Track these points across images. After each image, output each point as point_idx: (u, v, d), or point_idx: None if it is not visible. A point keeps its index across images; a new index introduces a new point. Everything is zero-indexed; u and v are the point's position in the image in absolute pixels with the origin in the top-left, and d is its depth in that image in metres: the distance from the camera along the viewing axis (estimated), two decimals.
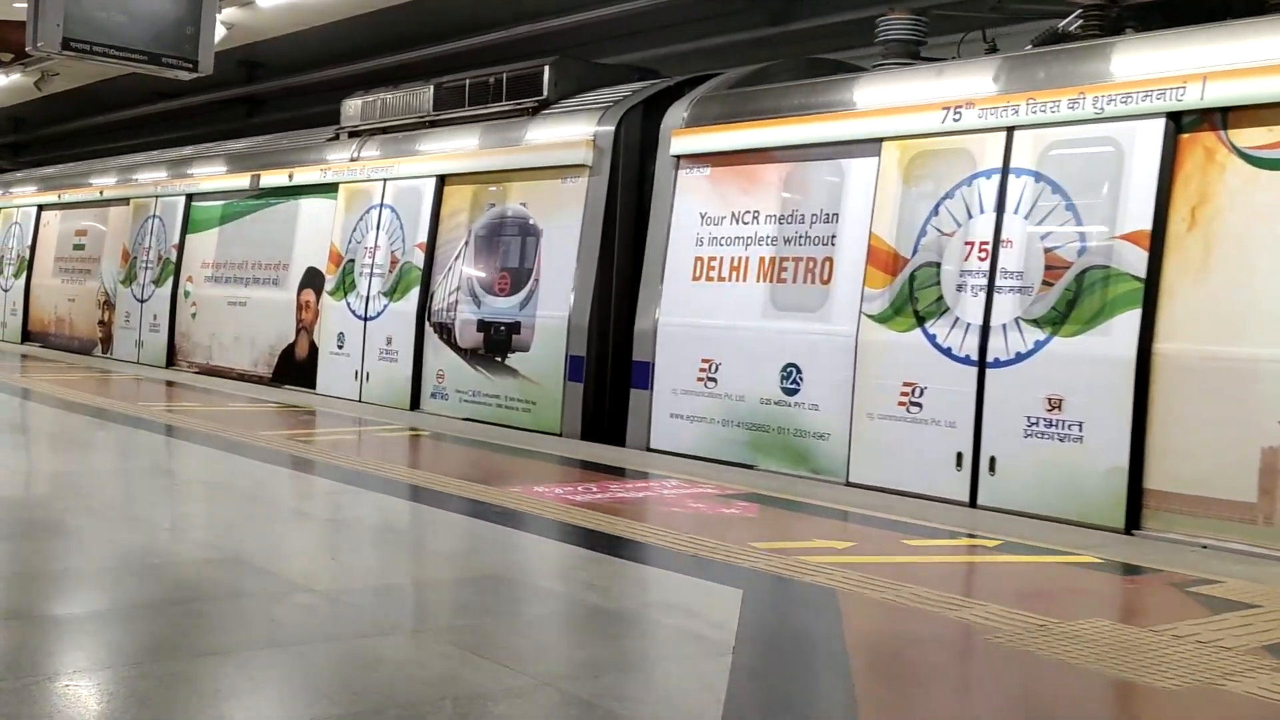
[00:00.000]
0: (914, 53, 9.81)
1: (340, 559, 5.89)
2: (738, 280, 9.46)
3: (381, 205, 13.38)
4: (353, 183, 13.89)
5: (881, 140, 8.53)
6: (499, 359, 11.60)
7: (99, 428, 10.72)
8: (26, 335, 21.00)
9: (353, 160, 14.05)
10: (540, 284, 11.31)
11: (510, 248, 11.78)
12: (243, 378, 15.26)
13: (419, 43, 16.13)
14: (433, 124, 13.38)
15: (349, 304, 13.57)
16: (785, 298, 9.12)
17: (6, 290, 21.71)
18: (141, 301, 17.68)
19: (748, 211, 9.48)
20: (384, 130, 14.07)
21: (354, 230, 13.72)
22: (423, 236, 12.70)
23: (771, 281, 9.22)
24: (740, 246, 9.48)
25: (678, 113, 10.26)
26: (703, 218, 9.83)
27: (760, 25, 14.06)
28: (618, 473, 8.70)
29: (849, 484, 8.45)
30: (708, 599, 5.19)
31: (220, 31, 10.81)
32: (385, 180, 13.39)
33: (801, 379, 8.88)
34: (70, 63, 12.78)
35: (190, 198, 17.04)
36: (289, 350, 14.64)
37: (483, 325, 11.82)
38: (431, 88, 13.50)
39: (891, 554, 6.24)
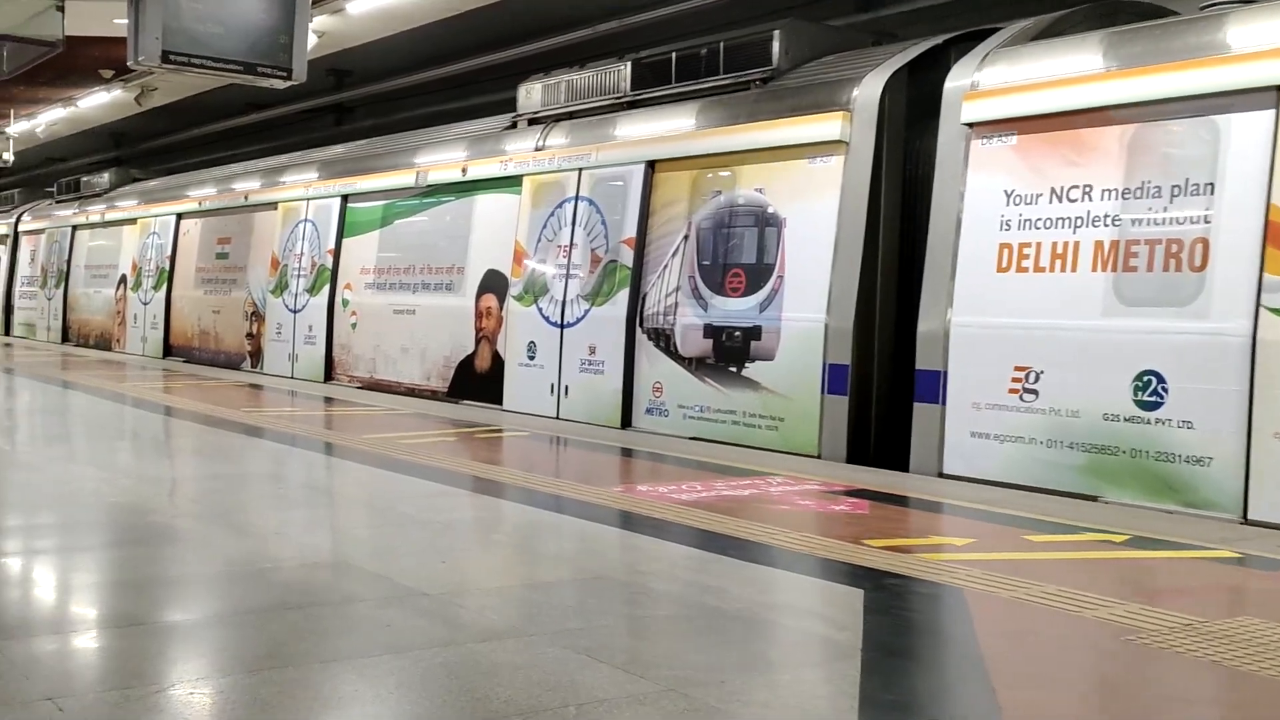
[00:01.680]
0: None
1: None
2: (1064, 270, 7.76)
3: (577, 198, 11.87)
4: (540, 174, 12.41)
5: None
6: (734, 369, 10.00)
7: (253, 446, 9.78)
8: (168, 350, 19.88)
9: (538, 150, 12.58)
10: (785, 282, 9.70)
11: (744, 240, 10.17)
12: (412, 392, 13.86)
13: (506, 44, 15.55)
14: (632, 105, 11.86)
15: (540, 309, 12.07)
16: (1136, 290, 7.40)
17: (146, 304, 20.63)
18: (294, 312, 16.39)
19: (1075, 186, 7.78)
20: (571, 115, 12.58)
21: (544, 227, 12.23)
22: (631, 231, 11.16)
23: (1114, 270, 7.51)
24: (1066, 229, 7.78)
25: (967, 73, 8.59)
26: (1009, 196, 8.14)
27: (849, 12, 13.12)
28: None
29: (1246, 521, 6.71)
30: None
31: (311, 40, 10.12)
32: (580, 170, 11.88)
33: (1165, 390, 7.16)
34: (169, 76, 13.03)
35: (346, 199, 15.70)
36: (467, 362, 13.19)
37: (711, 330, 10.24)
38: (629, 65, 11.98)
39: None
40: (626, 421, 10.94)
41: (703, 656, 4.16)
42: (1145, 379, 7.24)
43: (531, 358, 12.14)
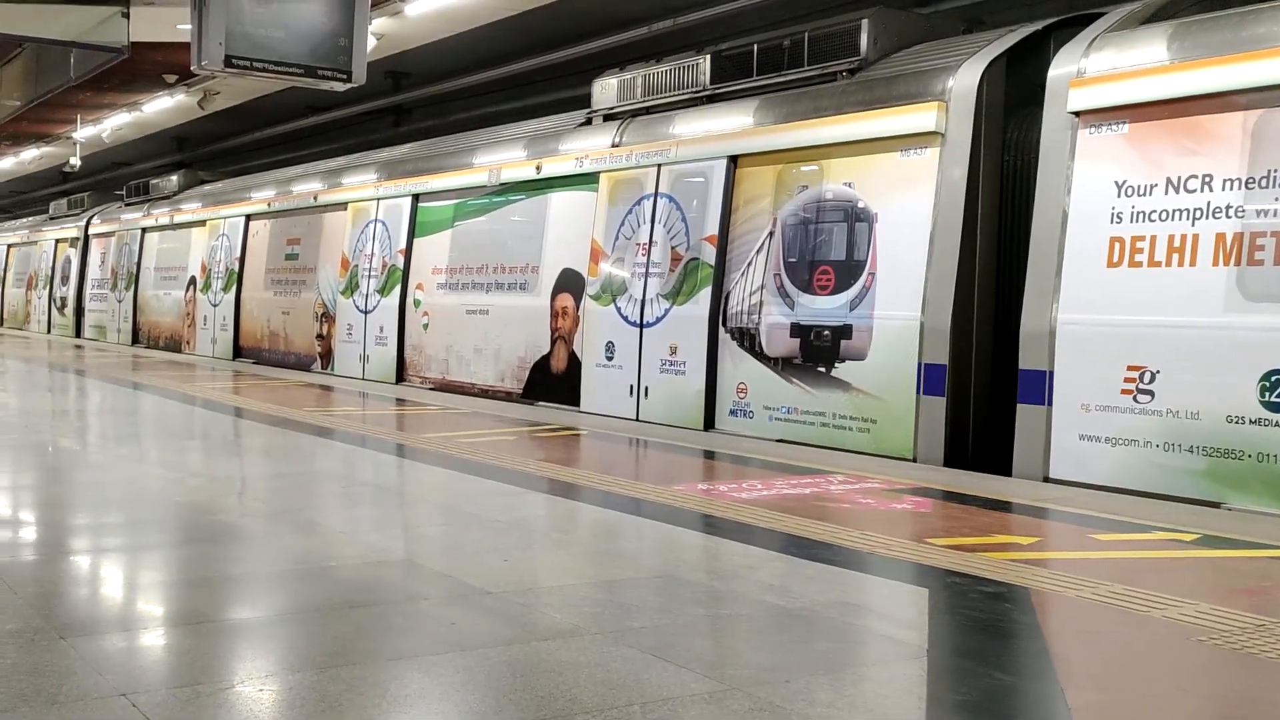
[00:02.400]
0: None
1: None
2: (1181, 264, 7.35)
3: (656, 194, 11.56)
4: (617, 171, 12.11)
5: None
6: (823, 369, 9.64)
7: (322, 446, 9.61)
8: (238, 352, 19.81)
9: (615, 146, 12.29)
10: (877, 279, 9.33)
11: (832, 236, 9.82)
12: (486, 394, 13.62)
13: (565, 43, 15.46)
14: (711, 99, 11.54)
15: (618, 309, 11.77)
16: (1262, 285, 6.98)
17: (216, 305, 20.59)
18: (365, 313, 16.22)
19: (1193, 176, 7.36)
20: (648, 110, 12.28)
21: (621, 225, 11.93)
22: (713, 228, 10.83)
23: (1239, 264, 7.09)
24: (1184, 221, 7.37)
25: (1073, 59, 8.18)
26: (1120, 187, 7.74)
27: (911, 5, 12.77)
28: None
29: None
30: None
31: (370, 42, 10.20)
32: (659, 166, 11.58)
33: None
34: (231, 80, 13.26)
35: (417, 198, 15.51)
36: (543, 363, 12.93)
37: (798, 329, 9.89)
38: (707, 58, 11.66)
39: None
40: (710, 423, 10.62)
41: (768, 656, 4.12)
42: (1273, 379, 6.82)
43: (610, 358, 11.84)
